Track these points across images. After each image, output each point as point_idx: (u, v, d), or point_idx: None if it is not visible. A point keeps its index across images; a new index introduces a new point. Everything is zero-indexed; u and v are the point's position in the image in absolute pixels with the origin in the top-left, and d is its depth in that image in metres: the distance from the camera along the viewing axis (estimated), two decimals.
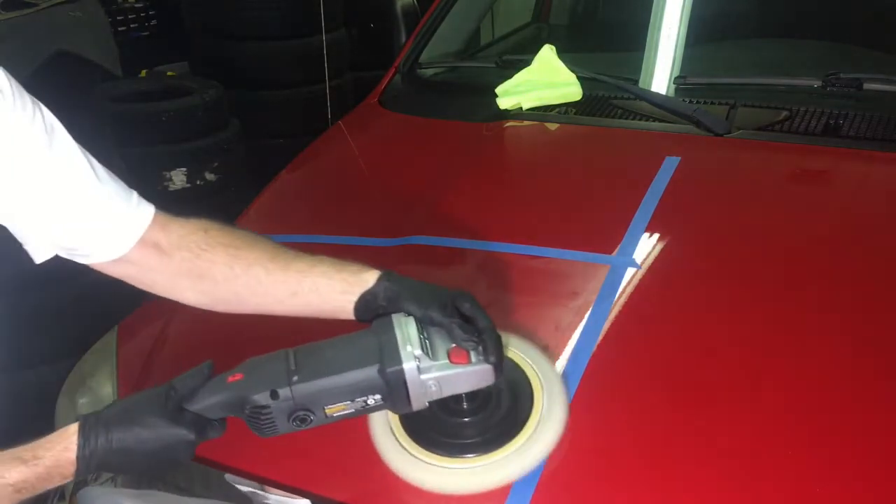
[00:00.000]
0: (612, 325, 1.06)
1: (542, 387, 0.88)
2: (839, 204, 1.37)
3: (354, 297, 0.85)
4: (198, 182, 2.91)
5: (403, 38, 2.15)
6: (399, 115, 1.87)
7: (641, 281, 1.14)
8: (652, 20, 1.72)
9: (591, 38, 2.50)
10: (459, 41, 2.27)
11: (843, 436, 0.89)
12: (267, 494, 0.91)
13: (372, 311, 0.84)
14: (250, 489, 0.92)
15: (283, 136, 3.43)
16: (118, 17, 3.75)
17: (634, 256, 1.18)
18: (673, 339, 1.05)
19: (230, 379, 0.78)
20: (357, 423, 0.87)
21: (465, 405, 0.85)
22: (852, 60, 1.79)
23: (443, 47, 2.16)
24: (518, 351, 0.92)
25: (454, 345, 0.79)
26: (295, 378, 0.76)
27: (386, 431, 0.88)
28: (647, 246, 1.21)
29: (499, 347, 0.79)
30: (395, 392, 0.77)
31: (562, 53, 1.82)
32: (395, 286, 0.84)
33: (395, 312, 0.82)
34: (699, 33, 1.73)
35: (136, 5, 3.85)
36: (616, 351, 1.02)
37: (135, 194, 0.90)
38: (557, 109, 1.73)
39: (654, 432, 0.91)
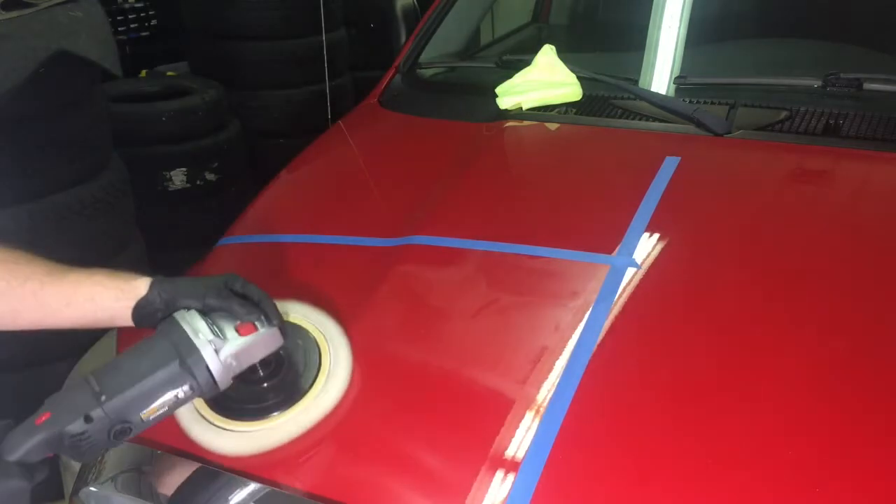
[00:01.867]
0: (612, 325, 1.06)
1: (327, 345, 1.02)
2: (839, 204, 1.37)
3: (130, 304, 0.88)
4: (198, 182, 2.90)
5: (403, 38, 2.15)
6: (399, 115, 1.87)
7: (641, 281, 1.14)
8: (652, 20, 1.72)
9: (591, 38, 2.50)
10: (459, 41, 2.27)
11: (845, 436, 0.89)
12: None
13: (150, 317, 0.88)
14: None
15: (283, 136, 3.42)
16: (118, 17, 3.74)
17: (634, 256, 1.18)
18: (673, 339, 1.05)
19: (38, 420, 0.79)
20: None
21: (260, 373, 0.94)
22: (852, 60, 1.78)
23: (443, 47, 2.16)
24: (301, 315, 1.06)
25: (239, 321, 0.87)
26: (103, 398, 0.80)
27: (190, 409, 0.97)
28: (647, 246, 1.21)
29: (277, 311, 0.89)
30: (199, 378, 0.84)
31: (562, 53, 1.82)
32: (169, 287, 0.89)
33: (174, 312, 0.88)
34: (699, 33, 1.73)
35: (136, 5, 3.85)
36: (616, 351, 1.02)
37: None
38: (557, 109, 1.73)
39: (654, 432, 0.91)
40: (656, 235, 1.23)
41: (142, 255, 2.22)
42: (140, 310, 0.88)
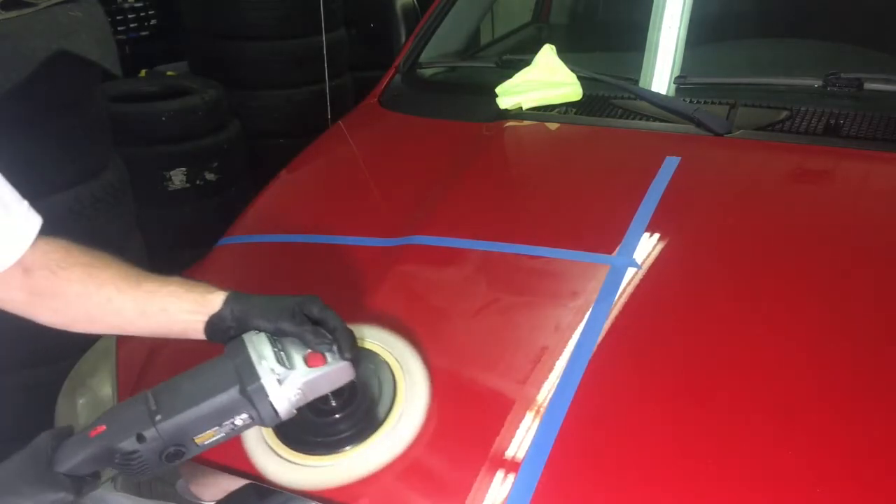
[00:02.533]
0: (612, 325, 1.05)
1: (402, 373, 0.95)
2: (840, 204, 1.37)
3: (203, 318, 0.86)
4: (198, 182, 2.90)
5: (403, 38, 2.15)
6: (399, 115, 1.87)
7: (641, 281, 1.14)
8: (652, 20, 1.72)
9: (591, 38, 2.50)
10: (459, 41, 2.27)
11: (846, 436, 0.89)
12: None
13: (222, 333, 0.86)
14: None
15: (283, 136, 3.43)
16: (118, 17, 3.74)
17: (634, 256, 1.18)
18: (673, 339, 1.05)
19: (92, 433, 0.78)
20: None
21: (332, 404, 0.89)
22: (853, 60, 1.78)
23: (443, 47, 2.16)
24: (376, 342, 0.98)
25: (309, 350, 0.82)
26: (158, 417, 0.77)
27: (258, 438, 0.92)
28: (647, 246, 1.21)
29: (352, 344, 0.83)
30: (260, 408, 0.79)
31: (562, 53, 1.82)
32: (243, 305, 0.86)
33: (245, 331, 0.84)
34: (699, 33, 1.73)
35: (136, 5, 3.85)
36: (616, 351, 1.02)
37: (25, 203, 0.89)
38: (557, 109, 1.73)
39: (654, 432, 0.91)
40: (656, 235, 1.23)
41: (142, 255, 2.22)
42: (212, 325, 0.86)
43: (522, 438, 0.90)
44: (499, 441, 0.90)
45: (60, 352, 1.50)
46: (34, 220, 0.88)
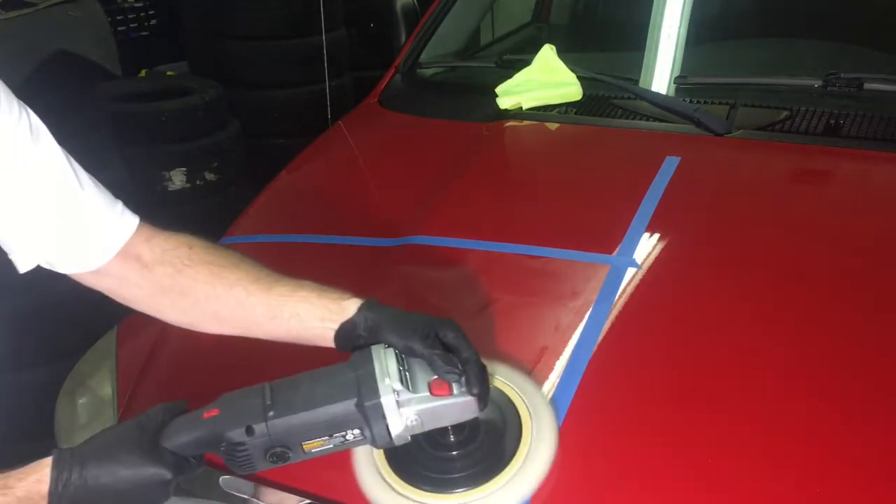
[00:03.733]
0: (612, 325, 1.05)
1: (530, 418, 0.87)
2: (840, 204, 1.37)
3: (335, 326, 0.83)
4: (198, 182, 2.90)
5: (403, 38, 2.15)
6: (399, 115, 1.87)
7: (641, 281, 1.14)
8: (652, 20, 1.72)
9: (591, 38, 2.50)
10: (459, 41, 2.27)
11: (846, 436, 0.89)
12: (259, 502, 0.91)
13: (352, 341, 0.82)
14: (245, 495, 0.91)
15: (283, 136, 3.42)
16: (118, 17, 3.74)
17: (634, 256, 1.18)
18: (673, 339, 1.05)
19: (206, 415, 0.76)
20: None
21: (451, 438, 0.83)
22: (853, 60, 1.78)
23: (443, 47, 2.16)
24: (506, 380, 0.91)
25: (436, 377, 0.77)
26: (270, 413, 0.74)
27: (370, 464, 0.86)
28: (647, 246, 1.21)
29: (483, 379, 0.77)
30: (374, 426, 0.76)
31: (562, 53, 1.82)
32: (376, 316, 0.82)
33: (375, 343, 0.81)
34: (699, 33, 1.73)
35: (136, 5, 3.85)
36: (616, 351, 1.02)
37: (119, 204, 0.89)
38: (557, 109, 1.73)
39: (654, 432, 0.91)
40: (656, 235, 1.23)
41: None
42: (343, 332, 0.82)
43: None
44: None
45: (60, 352, 1.50)
46: (130, 217, 0.88)
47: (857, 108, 1.54)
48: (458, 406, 0.77)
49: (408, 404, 0.75)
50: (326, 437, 0.76)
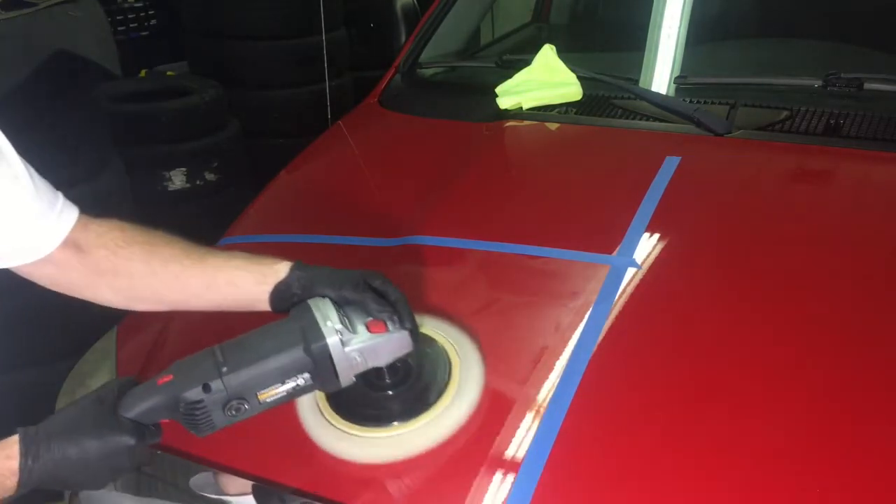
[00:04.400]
0: (612, 325, 1.05)
1: (459, 360, 0.98)
2: (840, 204, 1.37)
3: (269, 288, 0.87)
4: (197, 182, 2.90)
5: (403, 38, 2.15)
6: (399, 115, 1.87)
7: (641, 281, 1.14)
8: (652, 20, 1.72)
9: (591, 38, 2.50)
10: (459, 41, 2.27)
11: (847, 436, 0.89)
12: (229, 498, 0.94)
13: (287, 301, 0.87)
14: (216, 495, 0.94)
15: (283, 136, 3.42)
16: (118, 17, 3.75)
17: (634, 256, 1.18)
18: (673, 339, 1.05)
19: (160, 381, 0.80)
20: None
21: (387, 380, 0.90)
22: (853, 60, 1.78)
23: (443, 47, 2.16)
24: (435, 328, 1.01)
25: (371, 318, 0.84)
26: (224, 369, 0.79)
27: (313, 409, 0.95)
28: (647, 246, 1.21)
29: (412, 315, 0.85)
30: (322, 369, 0.81)
31: (562, 53, 1.82)
32: (308, 273, 0.87)
33: (310, 298, 0.86)
34: (699, 33, 1.73)
35: (136, 5, 3.85)
36: (616, 351, 1.02)
37: (60, 195, 0.91)
38: (557, 109, 1.73)
39: (654, 432, 0.91)
40: (657, 235, 1.23)
41: None
42: (278, 294, 0.87)
43: (522, 438, 0.90)
44: (499, 441, 0.90)
45: (60, 352, 1.50)
46: (70, 207, 0.91)
47: (857, 108, 1.54)
48: (394, 341, 0.84)
49: (350, 343, 0.82)
50: (279, 385, 0.81)
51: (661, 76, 1.71)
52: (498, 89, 1.78)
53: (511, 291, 1.18)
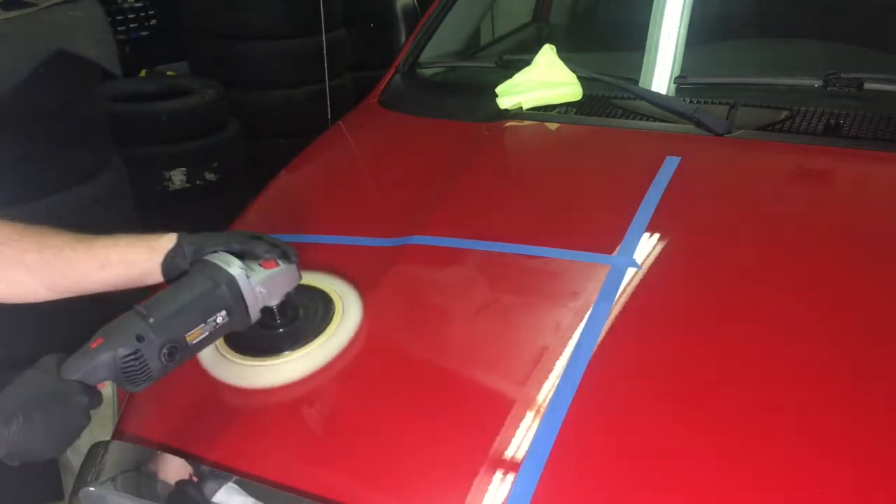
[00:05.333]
0: (613, 325, 1.05)
1: (341, 302, 1.14)
2: (840, 204, 1.37)
3: (160, 257, 0.94)
4: (198, 182, 2.91)
5: (403, 38, 2.15)
6: (399, 115, 1.87)
7: (642, 281, 1.14)
8: (652, 20, 1.72)
9: (591, 38, 2.50)
10: (459, 41, 2.27)
11: (847, 436, 0.89)
12: None
13: (178, 268, 0.95)
14: None
15: (283, 136, 3.43)
16: (118, 17, 3.74)
17: (634, 256, 1.18)
18: (673, 339, 1.05)
19: (93, 345, 0.84)
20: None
21: (277, 319, 1.05)
22: (853, 60, 1.78)
23: (443, 47, 2.16)
24: (322, 280, 1.18)
25: (261, 260, 0.98)
26: (151, 320, 0.86)
27: (212, 350, 1.08)
28: (647, 246, 1.21)
29: (295, 252, 1.00)
30: (235, 304, 0.93)
31: (562, 53, 1.82)
32: (195, 238, 0.97)
33: (203, 256, 0.96)
34: (699, 33, 1.73)
35: (136, 5, 3.85)
36: (616, 351, 1.02)
37: None
38: (557, 109, 1.73)
39: (654, 432, 0.91)
40: (656, 235, 1.23)
41: None
42: (169, 261, 0.94)
43: (522, 438, 0.90)
44: (499, 441, 0.90)
45: (60, 352, 1.50)
46: None
47: (857, 108, 1.54)
48: (286, 273, 1.00)
49: (253, 277, 0.95)
50: (202, 325, 0.90)
51: (661, 76, 1.71)
52: (498, 89, 1.78)
53: (511, 291, 1.18)
